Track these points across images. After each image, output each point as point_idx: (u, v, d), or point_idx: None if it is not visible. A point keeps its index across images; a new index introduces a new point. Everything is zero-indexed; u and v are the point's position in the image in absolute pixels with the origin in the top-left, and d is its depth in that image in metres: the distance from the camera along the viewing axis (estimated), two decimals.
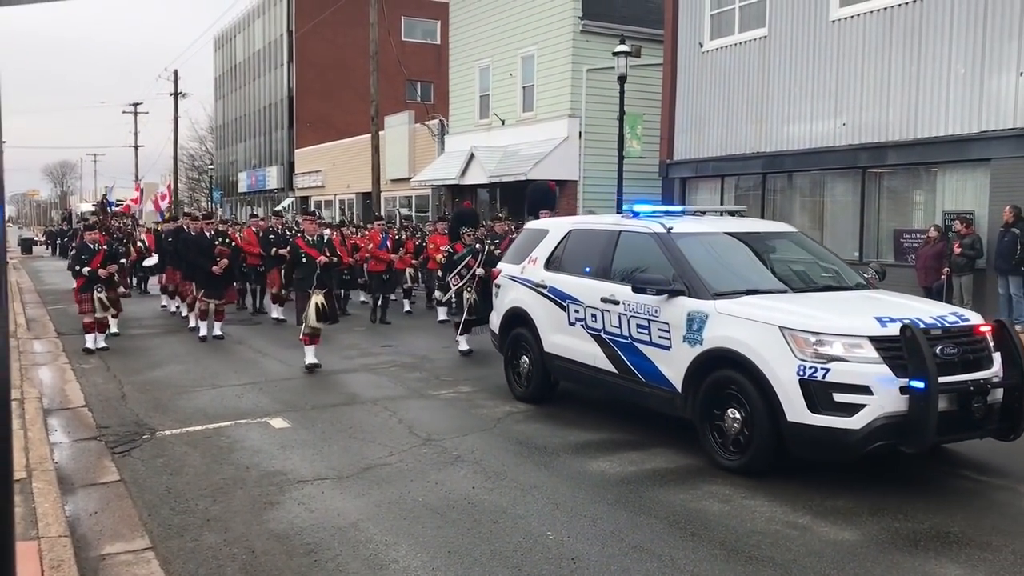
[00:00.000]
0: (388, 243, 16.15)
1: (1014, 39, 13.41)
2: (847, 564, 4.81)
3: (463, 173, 26.44)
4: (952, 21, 14.28)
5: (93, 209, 26.15)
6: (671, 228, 7.54)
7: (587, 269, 8.17)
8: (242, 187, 58.15)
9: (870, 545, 5.08)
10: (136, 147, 65.96)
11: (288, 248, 11.63)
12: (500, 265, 9.94)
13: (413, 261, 17.05)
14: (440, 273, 12.18)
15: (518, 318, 9.02)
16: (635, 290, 7.12)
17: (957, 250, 13.81)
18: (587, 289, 7.99)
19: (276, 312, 15.46)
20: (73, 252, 13.29)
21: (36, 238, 57.36)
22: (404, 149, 32.96)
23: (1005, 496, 6.00)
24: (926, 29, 14.69)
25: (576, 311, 8.10)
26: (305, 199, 44.87)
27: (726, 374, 6.46)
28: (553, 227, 9.26)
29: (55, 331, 14.35)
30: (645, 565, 4.79)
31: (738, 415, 6.35)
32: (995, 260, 13.57)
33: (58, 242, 46.29)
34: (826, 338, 5.94)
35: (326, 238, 11.32)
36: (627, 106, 19.54)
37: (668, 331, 6.96)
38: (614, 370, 7.61)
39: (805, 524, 5.41)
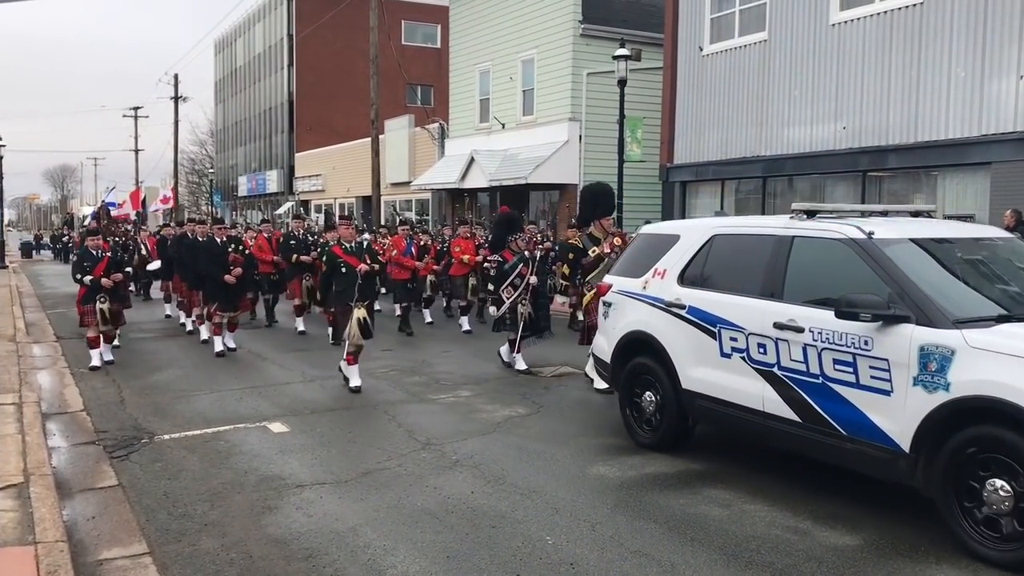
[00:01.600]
0: (413, 250, 15.18)
1: (1014, 42, 13.40)
2: (848, 570, 4.79)
3: (463, 177, 26.45)
4: (952, 24, 14.28)
5: (92, 214, 24.50)
6: (872, 232, 5.79)
7: (746, 286, 6.47)
8: (242, 191, 58.20)
9: (871, 551, 5.05)
10: (136, 151, 66.02)
11: (323, 257, 10.38)
12: (610, 278, 8.20)
13: (435, 267, 15.96)
14: (490, 285, 11.17)
15: (641, 345, 7.38)
16: (841, 315, 5.46)
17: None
18: (750, 311, 6.29)
19: (300, 325, 14.67)
20: (75, 259, 12.06)
21: (35, 241, 57.31)
22: (404, 153, 32.98)
23: None
24: (926, 33, 14.69)
25: (733, 339, 6.41)
26: (305, 203, 44.89)
27: (990, 433, 4.87)
28: (687, 231, 7.49)
29: (54, 335, 14.34)
30: (644, 570, 4.77)
31: (1009, 490, 4.77)
32: None
33: (58, 246, 46.30)
34: None
35: (365, 244, 10.29)
36: (627, 110, 19.54)
37: (887, 370, 5.34)
38: (795, 417, 5.91)
39: (805, 529, 5.39)
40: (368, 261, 9.69)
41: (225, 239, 12.75)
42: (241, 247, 13.07)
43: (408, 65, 37.51)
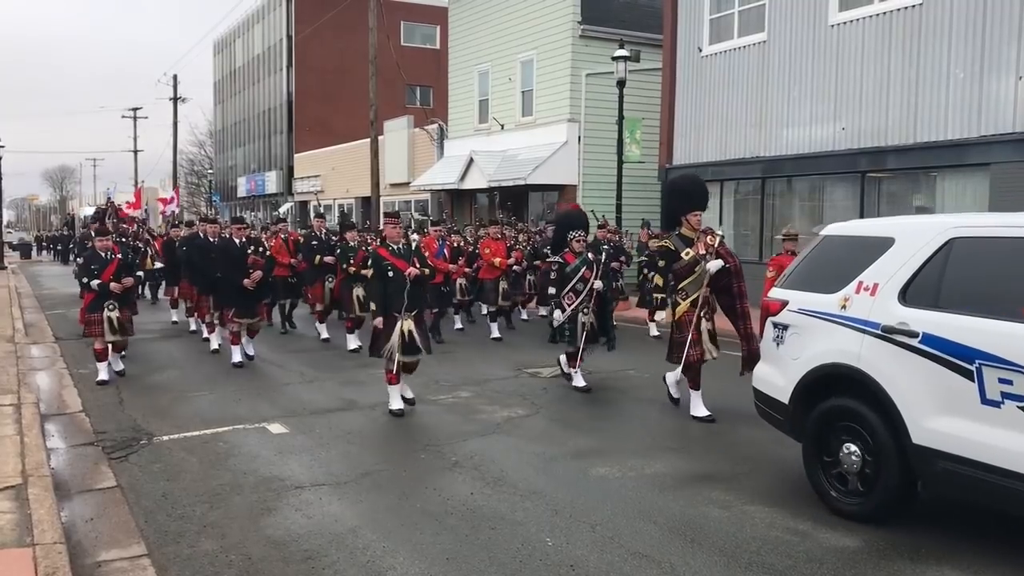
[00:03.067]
0: (446, 251, 13.94)
1: (1013, 43, 13.40)
2: (848, 571, 4.78)
3: (462, 178, 26.44)
4: (951, 25, 14.29)
5: (99, 211, 22.24)
6: None
7: (1016, 307, 4.80)
8: (241, 192, 58.18)
9: (871, 552, 5.04)
10: (136, 152, 66.04)
11: (369, 260, 9.20)
12: (782, 292, 6.46)
13: (466, 270, 14.89)
14: (552, 289, 9.96)
15: (841, 382, 5.73)
16: None
17: None
18: None
19: (324, 332, 13.86)
20: (81, 262, 10.65)
21: (30, 241, 57.43)
22: (403, 154, 32.96)
23: None
24: (925, 33, 14.69)
25: (1004, 381, 4.75)
26: (304, 204, 44.87)
27: None
28: (906, 233, 5.70)
29: (53, 336, 14.31)
30: (645, 572, 4.76)
31: None
32: None
33: (58, 247, 46.21)
34: None
35: (415, 245, 9.05)
36: (626, 111, 19.54)
37: None
38: None
39: (805, 531, 5.38)
40: (417, 264, 8.56)
41: (244, 240, 11.74)
42: (262, 249, 12.15)
43: (407, 66, 37.47)
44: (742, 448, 7.29)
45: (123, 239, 14.93)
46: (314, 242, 14.02)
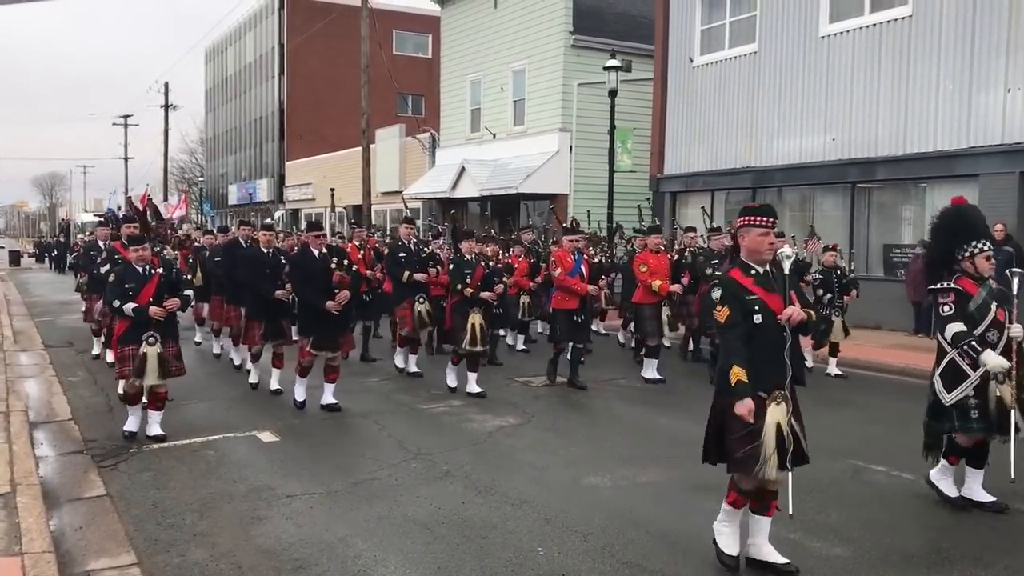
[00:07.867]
0: (583, 268, 10.43)
1: (1001, 56, 13.53)
2: None
3: (454, 186, 26.50)
4: (940, 38, 14.41)
5: (115, 214, 16.99)
6: None
7: None
8: (232, 200, 58.06)
9: (862, 561, 5.05)
10: (126, 159, 65.90)
11: (718, 295, 4.79)
12: None
13: (530, 285, 12.45)
14: (951, 344, 5.77)
15: None
16: None
17: None
18: None
19: (401, 361, 11.49)
20: (111, 279, 7.92)
21: (22, 250, 57.22)
22: (395, 162, 33.00)
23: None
24: (915, 46, 14.82)
25: None
26: (296, 212, 44.82)
27: None
28: None
29: (42, 344, 14.22)
30: None
31: None
32: None
33: (53, 253, 45.71)
34: None
35: (792, 267, 4.90)
36: (618, 121, 19.61)
37: None
38: None
39: (796, 540, 5.39)
40: (796, 300, 4.80)
41: (324, 251, 9.17)
42: (347, 261, 9.42)
43: (399, 75, 37.49)
44: None
45: (162, 248, 12.41)
46: (402, 254, 11.04)
